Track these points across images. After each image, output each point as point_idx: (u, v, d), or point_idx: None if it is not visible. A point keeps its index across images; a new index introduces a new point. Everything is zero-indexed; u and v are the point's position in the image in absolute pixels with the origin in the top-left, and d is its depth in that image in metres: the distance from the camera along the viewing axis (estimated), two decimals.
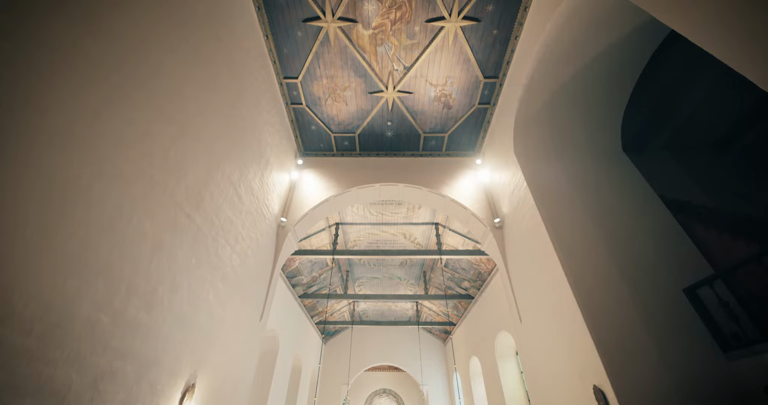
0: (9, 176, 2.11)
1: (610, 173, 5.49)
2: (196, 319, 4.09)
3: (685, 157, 5.18)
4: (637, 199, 5.13)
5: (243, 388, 5.35)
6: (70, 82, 2.57)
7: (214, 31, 4.61)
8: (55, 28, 2.46)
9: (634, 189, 5.26)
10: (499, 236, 6.75)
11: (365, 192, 7.99)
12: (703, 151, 4.98)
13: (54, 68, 2.45)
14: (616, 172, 5.52)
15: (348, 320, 16.59)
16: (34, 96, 2.30)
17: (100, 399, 2.68)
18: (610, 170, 5.54)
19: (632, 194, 5.19)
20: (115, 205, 2.91)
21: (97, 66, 2.81)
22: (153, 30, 3.45)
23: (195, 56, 4.20)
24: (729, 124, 4.74)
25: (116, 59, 3.00)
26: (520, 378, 9.79)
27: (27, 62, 2.27)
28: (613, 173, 5.50)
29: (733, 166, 4.76)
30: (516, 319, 5.91)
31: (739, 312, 3.60)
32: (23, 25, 2.25)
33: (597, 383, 3.71)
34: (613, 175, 5.46)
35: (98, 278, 2.71)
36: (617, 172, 5.50)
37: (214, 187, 4.59)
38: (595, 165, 5.63)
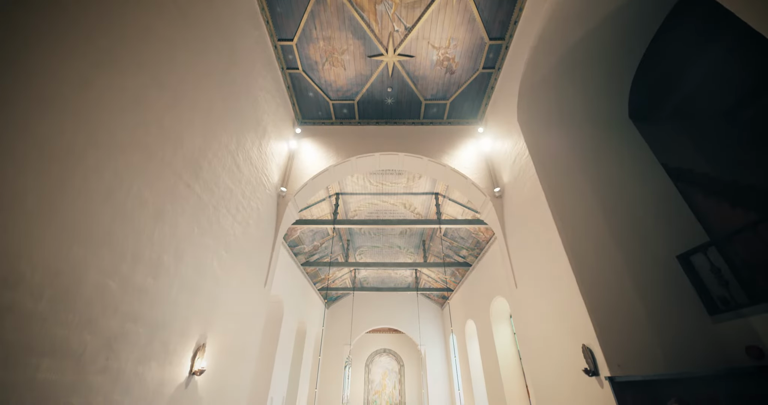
0: (1, 144, 2.07)
1: (614, 141, 5.40)
2: (202, 285, 4.23)
3: (691, 126, 5.05)
4: (639, 167, 5.08)
5: (251, 348, 5.66)
6: (56, 46, 2.44)
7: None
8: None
9: (638, 157, 5.20)
10: (498, 205, 6.78)
11: (365, 161, 7.90)
12: (710, 120, 4.84)
13: (38, 31, 2.31)
14: (621, 140, 5.42)
15: (349, 287, 17.18)
16: (19, 60, 2.19)
17: (115, 358, 2.84)
18: (614, 138, 5.44)
19: (635, 162, 5.13)
20: (113, 174, 2.89)
21: (83, 29, 2.65)
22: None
23: (183, 18, 3.96)
24: (736, 94, 4.57)
25: (102, 21, 2.82)
26: (512, 339, 10.33)
27: (8, 25, 2.13)
28: (617, 141, 5.40)
29: (738, 135, 4.66)
30: (512, 285, 6.11)
31: (729, 278, 3.70)
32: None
33: (586, 343, 3.91)
34: (618, 143, 5.37)
35: (102, 246, 2.75)
36: (622, 140, 5.41)
37: (212, 156, 4.53)
38: (599, 133, 5.52)
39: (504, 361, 9.92)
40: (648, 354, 3.59)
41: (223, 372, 4.74)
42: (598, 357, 3.73)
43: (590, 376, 3.77)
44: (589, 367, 3.78)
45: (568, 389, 4.32)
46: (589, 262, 4.26)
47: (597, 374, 3.72)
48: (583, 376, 3.92)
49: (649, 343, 3.64)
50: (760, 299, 3.32)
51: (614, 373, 3.52)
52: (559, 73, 5.61)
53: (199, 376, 4.09)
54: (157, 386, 3.38)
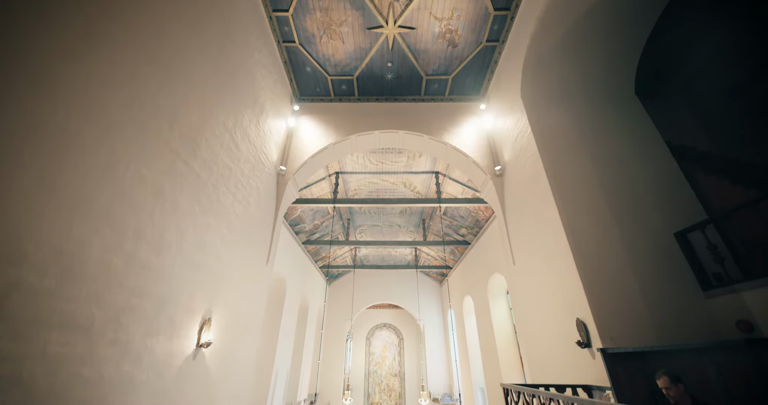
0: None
1: (619, 118, 5.29)
2: (205, 262, 4.29)
3: (697, 103, 4.93)
4: (642, 144, 5.02)
5: (255, 322, 5.84)
6: (43, 19, 2.33)
7: None
8: None
9: (642, 134, 5.12)
10: (498, 184, 6.76)
11: (365, 139, 7.79)
12: (715, 98, 4.72)
13: (24, 2, 2.20)
14: (626, 116, 5.31)
15: (350, 264, 17.48)
16: (3, 32, 2.10)
17: (123, 331, 2.93)
18: (619, 115, 5.33)
19: (639, 140, 5.06)
20: (110, 152, 2.85)
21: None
22: None
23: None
24: (743, 72, 4.43)
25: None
26: (509, 314, 10.64)
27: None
28: (622, 118, 5.29)
29: (743, 114, 4.56)
30: (509, 262, 6.21)
31: (725, 255, 3.75)
32: None
33: (580, 317, 4.02)
34: (622, 120, 5.27)
35: (104, 224, 2.77)
36: (626, 117, 5.30)
37: (209, 134, 4.46)
38: (604, 109, 5.40)
39: (500, 335, 10.26)
40: (640, 328, 3.70)
41: (229, 345, 4.91)
42: (591, 330, 3.85)
43: (583, 347, 3.91)
44: (582, 340, 3.92)
45: (561, 360, 4.50)
46: (586, 239, 4.30)
47: (589, 346, 3.85)
48: (576, 348, 4.06)
49: (642, 318, 3.75)
50: (754, 275, 3.37)
51: (606, 345, 3.64)
52: (565, 46, 5.40)
53: (206, 349, 4.24)
54: (165, 357, 3.52)
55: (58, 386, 2.34)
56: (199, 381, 4.15)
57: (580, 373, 4.05)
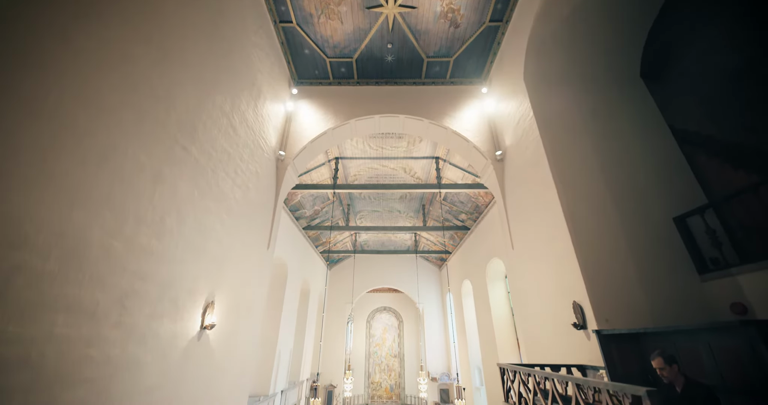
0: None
1: (623, 101, 5.21)
2: (206, 247, 4.32)
3: (702, 86, 4.83)
4: (645, 128, 4.96)
5: (258, 305, 5.95)
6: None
7: None
8: None
9: (645, 118, 5.05)
10: (499, 169, 6.72)
11: (364, 124, 7.69)
12: (720, 82, 4.62)
13: None
14: (630, 100, 5.23)
15: (350, 249, 17.64)
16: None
17: (127, 314, 2.99)
18: (623, 98, 5.24)
19: (641, 123, 5.00)
20: (107, 136, 2.82)
21: None
22: None
23: None
24: (748, 56, 4.33)
25: None
26: (506, 297, 10.83)
27: None
28: (626, 101, 5.21)
29: (746, 99, 4.48)
30: (508, 247, 6.26)
31: (723, 239, 3.78)
32: None
33: (577, 299, 4.09)
34: (626, 104, 5.19)
35: (104, 208, 2.77)
36: (631, 100, 5.22)
37: (207, 118, 4.39)
38: (609, 92, 5.30)
39: (497, 317, 10.48)
40: (635, 310, 3.77)
41: (233, 327, 5.02)
42: (587, 312, 3.92)
43: (578, 329, 4.00)
44: (578, 322, 4.00)
45: (557, 341, 4.61)
46: (585, 224, 4.32)
47: (585, 328, 3.94)
48: (572, 329, 4.15)
49: (638, 300, 3.81)
50: (751, 259, 3.41)
51: (602, 326, 3.72)
52: (570, 26, 5.25)
53: (210, 331, 4.34)
54: (170, 339, 3.60)
55: (66, 366, 2.40)
56: (204, 361, 4.26)
57: (575, 354, 4.15)
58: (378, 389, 18.88)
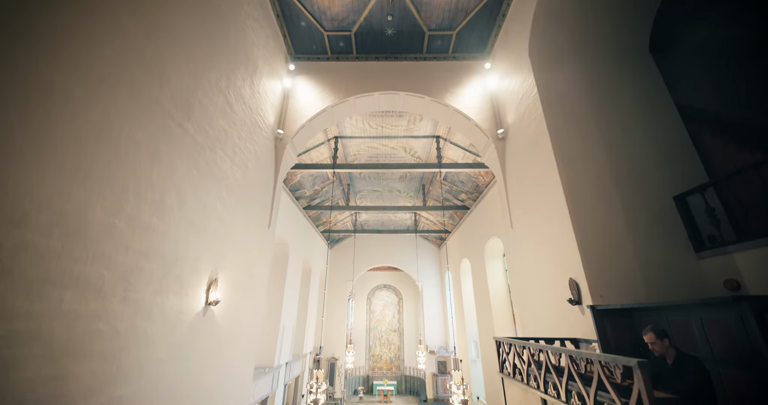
0: None
1: (630, 76, 5.07)
2: (207, 226, 4.35)
3: (711, 62, 4.68)
4: (651, 105, 4.86)
5: (260, 282, 6.07)
6: None
7: None
8: None
9: (651, 95, 4.93)
10: (500, 148, 6.65)
11: (364, 101, 7.52)
12: (731, 58, 4.47)
13: None
14: (637, 75, 5.08)
15: (351, 229, 17.80)
16: None
17: (133, 290, 3.05)
18: (631, 73, 5.10)
19: (647, 101, 4.89)
20: (102, 113, 2.76)
21: None
22: None
23: None
24: (760, 34, 4.15)
25: None
26: (504, 275, 11.04)
27: None
28: (633, 77, 5.07)
29: (756, 76, 4.35)
30: (507, 226, 6.30)
31: (722, 217, 3.79)
32: None
33: (573, 276, 4.17)
34: (633, 79, 5.05)
35: (104, 187, 2.76)
36: (638, 76, 5.08)
37: (202, 95, 4.29)
38: (616, 67, 5.15)
39: (494, 294, 10.74)
40: (630, 286, 3.85)
41: (237, 303, 5.15)
42: (583, 289, 4.01)
43: (573, 305, 4.11)
44: (573, 298, 4.10)
45: (552, 316, 4.74)
46: (585, 202, 4.32)
47: (580, 303, 4.04)
48: (567, 305, 4.26)
49: (633, 277, 3.89)
50: (748, 237, 3.44)
51: (596, 302, 3.82)
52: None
53: (214, 306, 4.45)
54: (177, 314, 3.70)
55: (76, 340, 2.48)
56: (211, 335, 4.41)
57: (569, 328, 4.29)
58: (378, 361, 19.68)
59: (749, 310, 2.21)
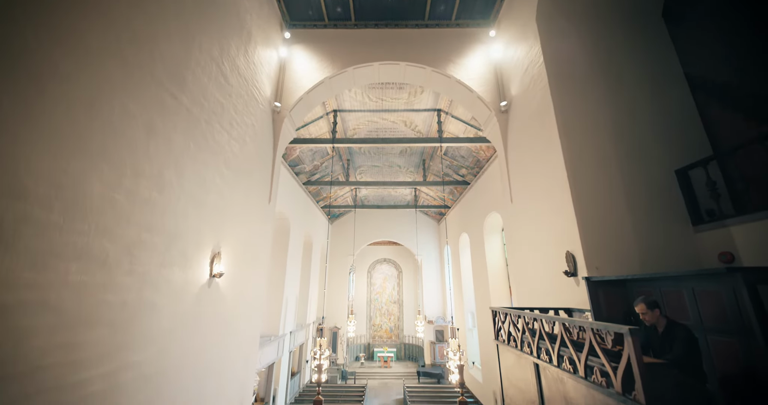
0: None
1: (641, 45, 4.85)
2: (208, 200, 4.36)
3: (726, 30, 4.45)
4: (660, 76, 4.69)
5: (262, 256, 6.18)
6: None
7: None
8: None
9: (661, 65, 4.75)
10: (503, 121, 6.51)
11: (363, 72, 7.26)
12: (747, 27, 4.24)
13: None
14: (649, 43, 4.87)
15: (351, 204, 17.87)
16: None
17: (138, 263, 3.11)
18: (642, 41, 4.88)
19: (657, 71, 4.72)
20: (92, 85, 2.67)
21: None
22: None
23: None
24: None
25: None
26: (502, 249, 11.23)
27: None
28: (644, 45, 4.86)
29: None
30: (507, 201, 6.32)
31: (722, 191, 3.78)
32: None
33: (570, 249, 4.24)
34: (644, 48, 4.84)
35: (100, 161, 2.72)
36: (649, 44, 4.86)
37: (195, 65, 4.13)
38: (627, 34, 4.92)
39: (492, 268, 10.98)
40: (626, 259, 3.92)
41: (240, 275, 5.27)
42: (579, 261, 4.09)
43: (569, 276, 4.20)
44: (569, 270, 4.19)
45: (547, 287, 4.87)
46: (586, 175, 4.30)
47: (575, 275, 4.13)
48: (563, 277, 4.36)
49: (629, 250, 3.95)
50: (747, 211, 3.45)
51: (592, 274, 3.90)
52: None
53: (219, 279, 4.56)
54: (182, 286, 3.80)
55: (85, 310, 2.56)
56: (217, 306, 4.55)
57: (563, 299, 4.42)
58: (379, 331, 20.52)
59: (742, 281, 2.26)
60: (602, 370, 1.99)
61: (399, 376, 16.22)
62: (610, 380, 1.90)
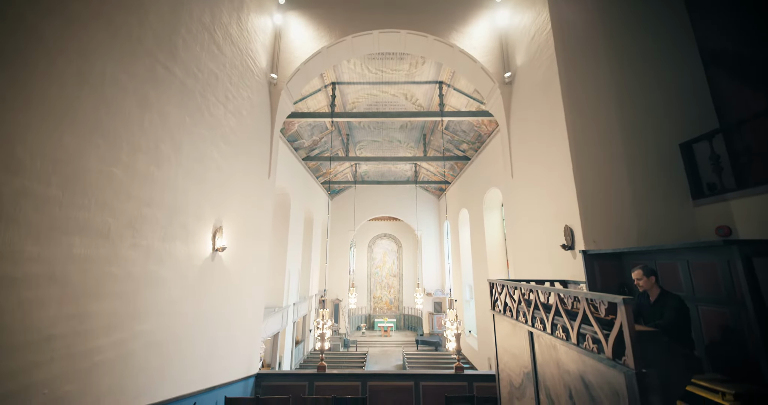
0: None
1: (654, 12, 4.60)
2: (207, 176, 4.33)
3: None
4: (671, 46, 4.49)
5: (263, 230, 6.25)
6: None
7: None
8: None
9: (674, 34, 4.53)
10: (506, 93, 6.32)
11: (362, 41, 6.95)
12: None
13: None
14: (662, 12, 4.61)
15: (351, 180, 17.82)
16: None
17: (141, 236, 3.14)
18: (655, 8, 4.62)
19: (669, 40, 4.51)
20: (79, 54, 2.56)
21: None
22: None
23: None
24: None
25: None
26: (501, 225, 11.33)
27: None
28: (657, 12, 4.60)
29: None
30: (508, 176, 6.28)
31: (725, 165, 3.74)
32: None
33: (569, 223, 4.27)
34: (657, 15, 4.59)
35: (94, 134, 2.67)
36: (662, 13, 4.61)
37: (185, 32, 3.94)
38: (638, 1, 4.65)
39: (490, 243, 11.14)
40: (623, 233, 3.96)
41: (243, 249, 5.35)
42: (577, 235, 4.13)
43: (566, 250, 4.26)
44: (567, 243, 4.24)
45: (544, 261, 4.96)
46: (589, 150, 4.24)
47: (572, 249, 4.19)
48: (560, 250, 4.42)
49: (628, 224, 3.98)
50: (748, 185, 3.43)
51: (589, 247, 3.96)
52: None
53: (221, 253, 4.64)
54: (186, 259, 3.87)
55: (91, 282, 2.62)
56: (221, 278, 4.66)
57: (560, 272, 4.51)
58: (379, 302, 21.21)
59: (738, 253, 2.29)
60: (594, 337, 2.06)
61: (398, 344, 16.96)
62: (601, 346, 1.98)
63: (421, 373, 5.93)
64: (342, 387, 5.64)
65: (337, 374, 6.00)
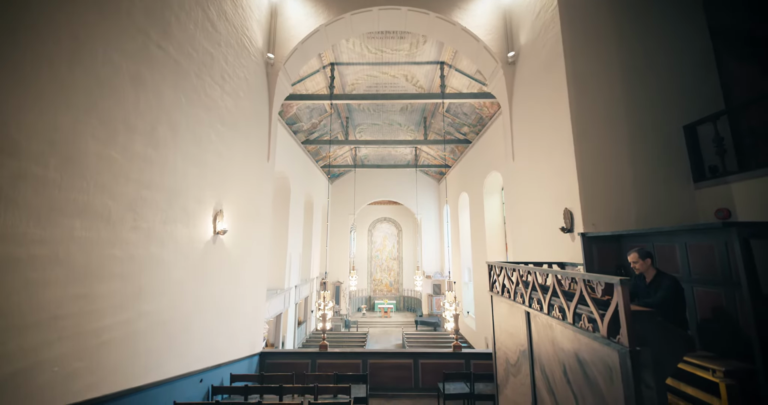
0: None
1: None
2: (205, 158, 4.30)
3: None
4: (680, 26, 4.34)
5: (264, 214, 6.27)
6: None
7: None
8: None
9: (682, 13, 4.37)
10: (509, 74, 6.18)
11: (361, 18, 6.71)
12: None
13: None
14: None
15: (351, 164, 17.71)
16: None
17: (141, 219, 3.15)
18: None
19: (678, 18, 4.36)
20: (68, 32, 2.47)
21: None
22: None
23: None
24: None
25: None
26: (500, 208, 11.36)
27: None
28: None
29: None
30: (509, 159, 6.23)
31: (729, 148, 3.70)
32: None
33: (568, 206, 4.27)
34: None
35: (89, 115, 2.63)
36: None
37: (178, 8, 3.81)
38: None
39: (490, 226, 11.20)
40: (623, 216, 3.97)
41: (243, 232, 5.38)
42: (576, 218, 4.14)
43: (565, 232, 4.29)
44: (566, 226, 4.26)
45: (543, 244, 5.00)
46: (592, 133, 4.19)
47: (571, 231, 4.22)
48: (559, 233, 4.45)
49: (627, 207, 3.98)
50: (750, 168, 3.40)
51: (588, 230, 3.98)
52: None
53: (222, 236, 4.67)
54: (188, 242, 3.89)
55: (94, 263, 2.65)
56: (223, 261, 4.72)
57: (558, 254, 4.55)
58: (379, 285, 21.57)
59: (736, 234, 2.30)
60: (590, 317, 2.11)
61: (398, 324, 17.37)
62: (596, 326, 2.02)
63: (420, 352, 6.11)
64: (343, 364, 5.82)
65: (339, 353, 6.18)
